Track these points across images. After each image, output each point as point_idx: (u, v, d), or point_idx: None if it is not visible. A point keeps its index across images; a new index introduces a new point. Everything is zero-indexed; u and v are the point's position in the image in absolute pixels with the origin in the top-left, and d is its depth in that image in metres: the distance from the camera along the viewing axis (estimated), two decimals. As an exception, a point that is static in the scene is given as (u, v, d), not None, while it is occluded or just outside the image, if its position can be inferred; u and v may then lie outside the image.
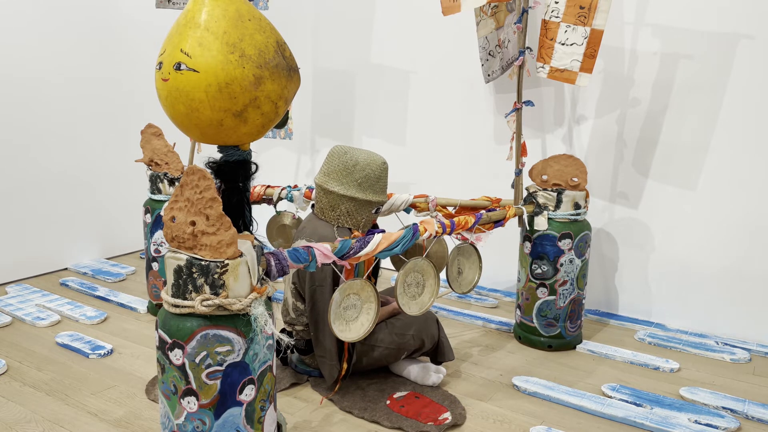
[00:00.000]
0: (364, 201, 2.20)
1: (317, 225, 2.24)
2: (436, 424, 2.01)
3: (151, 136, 2.85)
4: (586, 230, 2.59)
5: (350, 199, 2.18)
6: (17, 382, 2.33)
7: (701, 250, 2.83)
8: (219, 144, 1.62)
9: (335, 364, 2.21)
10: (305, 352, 2.34)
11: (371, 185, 2.20)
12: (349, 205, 2.20)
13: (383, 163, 2.23)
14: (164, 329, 1.48)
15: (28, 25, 3.40)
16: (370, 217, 2.26)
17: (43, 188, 3.58)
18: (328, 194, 2.21)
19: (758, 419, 2.10)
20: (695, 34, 2.73)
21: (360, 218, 2.23)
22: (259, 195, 2.75)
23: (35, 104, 3.49)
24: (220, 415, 1.48)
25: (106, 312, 3.00)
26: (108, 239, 3.96)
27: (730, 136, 2.72)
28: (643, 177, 2.94)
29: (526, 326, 2.68)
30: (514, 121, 2.64)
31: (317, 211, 2.28)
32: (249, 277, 1.49)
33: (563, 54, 2.46)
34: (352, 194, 2.17)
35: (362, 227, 2.25)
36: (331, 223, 2.23)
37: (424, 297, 2.16)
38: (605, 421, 2.09)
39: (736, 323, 2.78)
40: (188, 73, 1.44)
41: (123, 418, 2.09)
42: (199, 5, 1.49)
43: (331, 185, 2.19)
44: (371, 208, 2.24)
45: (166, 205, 1.48)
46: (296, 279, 2.27)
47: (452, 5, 2.47)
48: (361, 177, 2.18)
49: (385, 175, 2.24)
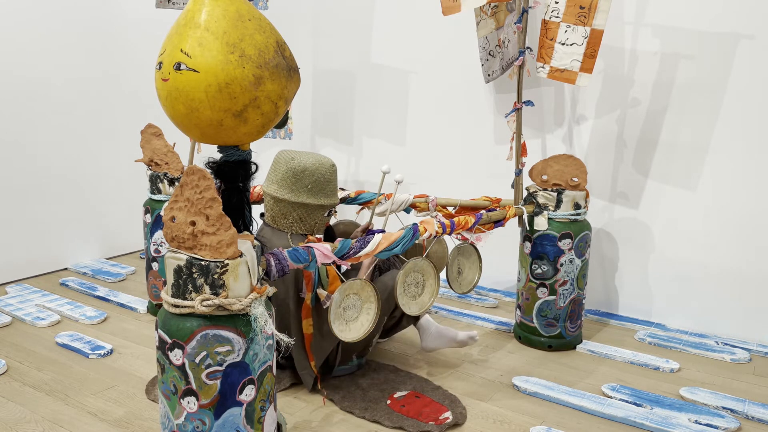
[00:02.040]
0: (316, 206, 2.20)
1: (271, 235, 2.22)
2: (437, 424, 2.01)
3: (151, 136, 2.85)
4: (586, 230, 2.59)
5: (302, 205, 2.18)
6: (17, 382, 2.33)
7: (701, 250, 2.83)
8: (219, 144, 1.62)
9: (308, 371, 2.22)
10: None
11: (321, 189, 2.20)
12: (301, 211, 2.20)
13: (332, 166, 2.23)
14: (164, 329, 1.48)
15: (27, 25, 3.40)
16: (323, 221, 2.27)
17: (43, 188, 3.58)
18: (278, 202, 2.20)
19: (758, 419, 2.10)
20: (695, 34, 2.73)
21: (313, 223, 2.23)
22: (259, 195, 2.75)
23: (35, 104, 3.48)
24: (220, 415, 1.48)
25: (106, 312, 2.99)
26: (108, 239, 3.96)
27: (730, 136, 2.72)
28: (643, 177, 2.94)
29: (526, 326, 2.68)
30: (514, 121, 2.64)
31: (268, 220, 2.26)
32: (249, 277, 1.49)
33: (563, 54, 2.46)
34: (303, 200, 2.17)
35: (315, 231, 2.25)
36: (284, 231, 2.22)
37: (424, 297, 2.17)
38: (605, 421, 2.09)
39: (736, 323, 2.78)
40: (188, 73, 1.44)
41: (123, 418, 2.09)
42: (199, 5, 1.49)
43: (282, 193, 2.18)
44: (323, 212, 2.24)
45: (166, 205, 1.48)
46: None
47: (452, 5, 2.47)
48: (310, 182, 2.17)
49: (334, 178, 2.24)
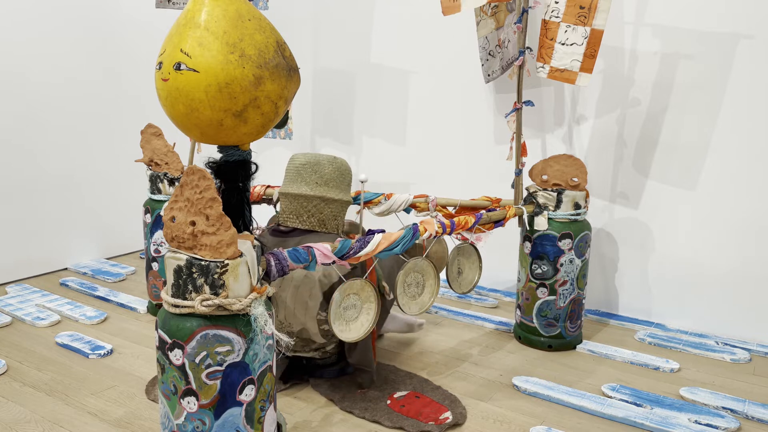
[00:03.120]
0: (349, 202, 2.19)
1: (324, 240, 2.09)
2: (437, 424, 2.01)
3: (151, 136, 2.85)
4: (586, 230, 2.59)
5: (348, 203, 2.16)
6: (17, 382, 2.33)
7: (701, 250, 2.83)
8: (219, 144, 1.62)
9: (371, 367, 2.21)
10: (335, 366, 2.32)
11: (349, 184, 2.20)
12: (345, 209, 2.17)
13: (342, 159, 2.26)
14: (164, 329, 1.48)
15: (27, 25, 3.40)
16: None
17: (43, 188, 3.58)
18: (330, 204, 2.15)
19: (758, 419, 2.10)
20: (695, 34, 2.73)
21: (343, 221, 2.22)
22: (259, 195, 2.75)
23: (35, 104, 3.49)
24: (220, 416, 1.48)
25: (106, 312, 3.00)
26: (108, 239, 3.96)
27: (731, 136, 2.72)
28: (643, 177, 2.94)
29: (526, 326, 2.68)
30: (514, 121, 2.64)
31: (312, 226, 2.15)
32: (249, 277, 1.49)
33: (563, 54, 2.46)
34: (349, 198, 2.16)
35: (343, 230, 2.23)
36: (333, 232, 2.17)
37: (424, 297, 2.17)
38: (605, 421, 2.09)
39: (736, 323, 2.78)
40: (188, 73, 1.44)
41: (123, 418, 2.09)
42: (199, 5, 1.49)
43: (333, 193, 2.12)
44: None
45: (166, 205, 1.48)
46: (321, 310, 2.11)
47: (452, 5, 2.47)
48: (349, 178, 2.15)
49: None
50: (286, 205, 2.21)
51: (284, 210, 2.21)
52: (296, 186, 2.18)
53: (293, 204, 2.18)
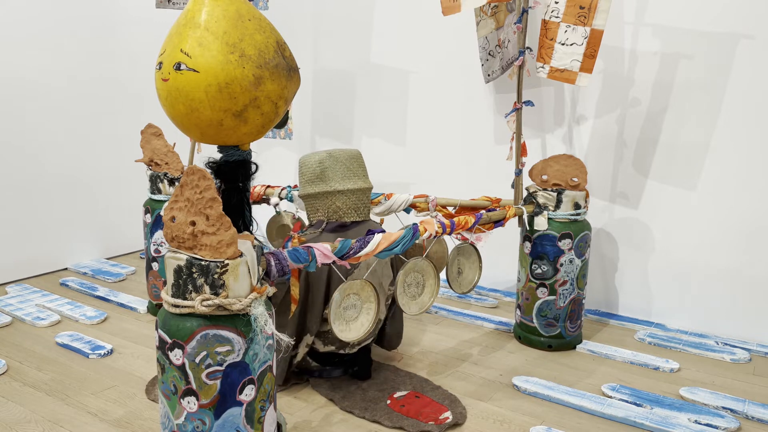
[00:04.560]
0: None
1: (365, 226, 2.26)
2: (437, 424, 2.01)
3: (151, 136, 2.85)
4: (586, 230, 2.59)
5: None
6: (17, 382, 2.33)
7: (701, 250, 2.83)
8: (219, 144, 1.62)
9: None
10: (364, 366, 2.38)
11: None
12: None
13: None
14: (164, 329, 1.48)
15: (27, 25, 3.40)
16: None
17: (43, 188, 3.58)
18: (366, 192, 2.28)
19: (758, 419, 2.10)
20: (695, 34, 2.73)
21: None
22: (259, 195, 2.75)
23: (35, 104, 3.49)
24: (220, 415, 1.49)
25: (106, 312, 3.00)
26: (108, 239, 3.96)
27: (730, 136, 2.72)
28: (643, 177, 2.94)
29: (526, 326, 2.68)
30: (514, 121, 2.64)
31: (365, 216, 2.29)
32: (249, 277, 1.49)
33: (563, 54, 2.46)
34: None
35: None
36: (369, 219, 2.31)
37: (424, 297, 2.17)
38: (605, 421, 2.09)
39: (736, 323, 2.78)
40: (188, 73, 1.44)
41: (123, 418, 2.09)
42: (199, 5, 1.49)
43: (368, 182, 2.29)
44: None
45: (166, 205, 1.48)
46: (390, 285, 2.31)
47: (452, 5, 2.47)
48: None
49: None
50: (343, 202, 2.23)
51: (340, 206, 2.23)
52: (352, 181, 2.24)
53: (351, 199, 2.24)
